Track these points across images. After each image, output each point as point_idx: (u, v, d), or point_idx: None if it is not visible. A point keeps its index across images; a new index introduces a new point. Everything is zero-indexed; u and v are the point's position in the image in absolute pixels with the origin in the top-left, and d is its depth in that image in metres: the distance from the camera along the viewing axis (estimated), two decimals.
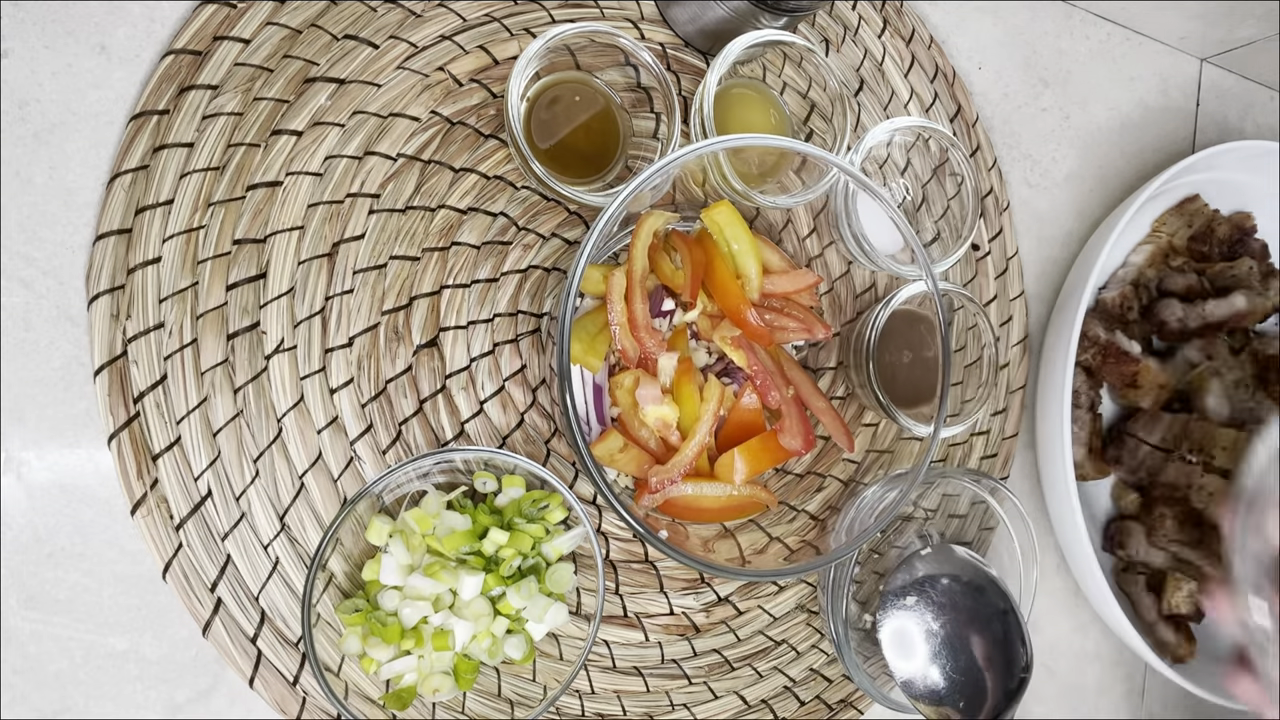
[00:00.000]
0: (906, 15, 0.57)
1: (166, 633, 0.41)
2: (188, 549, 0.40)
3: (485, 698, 0.44)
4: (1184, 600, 0.56)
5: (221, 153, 0.42)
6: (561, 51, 0.44)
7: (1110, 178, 0.64)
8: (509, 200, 0.47)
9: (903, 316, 0.50)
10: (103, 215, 0.40)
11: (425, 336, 0.45)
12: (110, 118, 0.41)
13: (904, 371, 0.49)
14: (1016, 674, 0.47)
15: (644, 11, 0.50)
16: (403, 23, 0.45)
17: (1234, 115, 0.69)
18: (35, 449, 0.39)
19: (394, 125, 0.45)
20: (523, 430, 0.46)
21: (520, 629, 0.42)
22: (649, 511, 0.45)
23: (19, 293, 0.40)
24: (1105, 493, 0.60)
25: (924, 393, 0.49)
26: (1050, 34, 0.63)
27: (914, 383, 0.49)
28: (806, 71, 0.52)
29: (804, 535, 0.48)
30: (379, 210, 0.44)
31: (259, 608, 0.41)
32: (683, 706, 0.48)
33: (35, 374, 0.40)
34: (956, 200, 0.52)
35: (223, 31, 0.42)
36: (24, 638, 0.39)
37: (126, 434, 0.40)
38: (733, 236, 0.45)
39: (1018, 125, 0.61)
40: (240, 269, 0.42)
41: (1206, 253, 0.60)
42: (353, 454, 0.43)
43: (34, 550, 0.39)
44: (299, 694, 0.41)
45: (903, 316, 0.50)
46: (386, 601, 0.40)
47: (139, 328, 0.40)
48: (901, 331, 0.50)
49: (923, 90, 0.57)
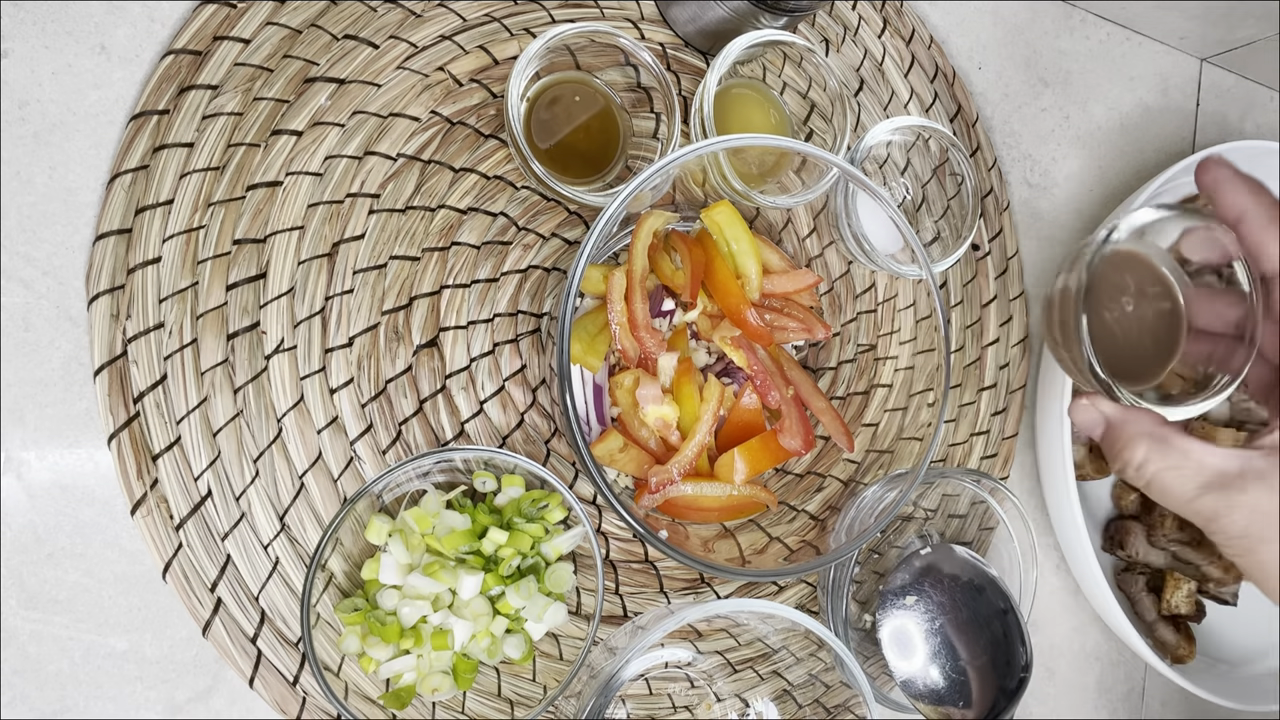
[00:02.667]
0: (906, 15, 0.57)
1: (166, 633, 0.41)
2: (188, 549, 0.40)
3: (484, 697, 0.44)
4: (1184, 600, 0.56)
5: (221, 153, 0.42)
6: (561, 51, 0.45)
7: (1110, 178, 0.64)
8: (509, 200, 0.47)
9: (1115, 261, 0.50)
10: (103, 215, 0.40)
11: (425, 336, 0.45)
12: (110, 118, 0.41)
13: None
14: (1016, 674, 0.47)
15: (644, 11, 0.50)
16: (403, 23, 0.45)
17: (1234, 115, 0.69)
18: (35, 449, 0.39)
19: (394, 125, 0.45)
20: (523, 430, 0.46)
21: (519, 629, 0.42)
22: (649, 511, 0.45)
23: (19, 293, 0.40)
24: (1105, 493, 0.60)
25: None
26: (1050, 34, 0.63)
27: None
28: (806, 71, 0.52)
29: (804, 535, 0.48)
30: (379, 210, 0.44)
31: (259, 608, 0.41)
32: (684, 709, 0.48)
33: (35, 374, 0.40)
34: (956, 200, 0.52)
35: (223, 31, 0.42)
36: (24, 638, 0.39)
37: (126, 434, 0.40)
38: (733, 236, 0.45)
39: (1018, 125, 0.61)
40: (240, 269, 0.42)
41: None
42: (353, 454, 0.43)
43: (34, 550, 0.39)
44: (299, 694, 0.41)
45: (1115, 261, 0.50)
46: (386, 601, 0.40)
47: (139, 328, 0.40)
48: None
49: (923, 90, 0.57)
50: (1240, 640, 0.60)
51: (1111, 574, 0.59)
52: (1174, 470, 0.26)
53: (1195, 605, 0.56)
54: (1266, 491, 0.25)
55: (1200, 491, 0.26)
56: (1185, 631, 0.57)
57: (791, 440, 0.46)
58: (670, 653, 0.49)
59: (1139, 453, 0.27)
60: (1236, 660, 0.60)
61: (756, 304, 0.46)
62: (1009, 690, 0.47)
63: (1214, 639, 0.59)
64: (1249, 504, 0.25)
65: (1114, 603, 0.53)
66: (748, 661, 0.50)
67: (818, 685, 0.52)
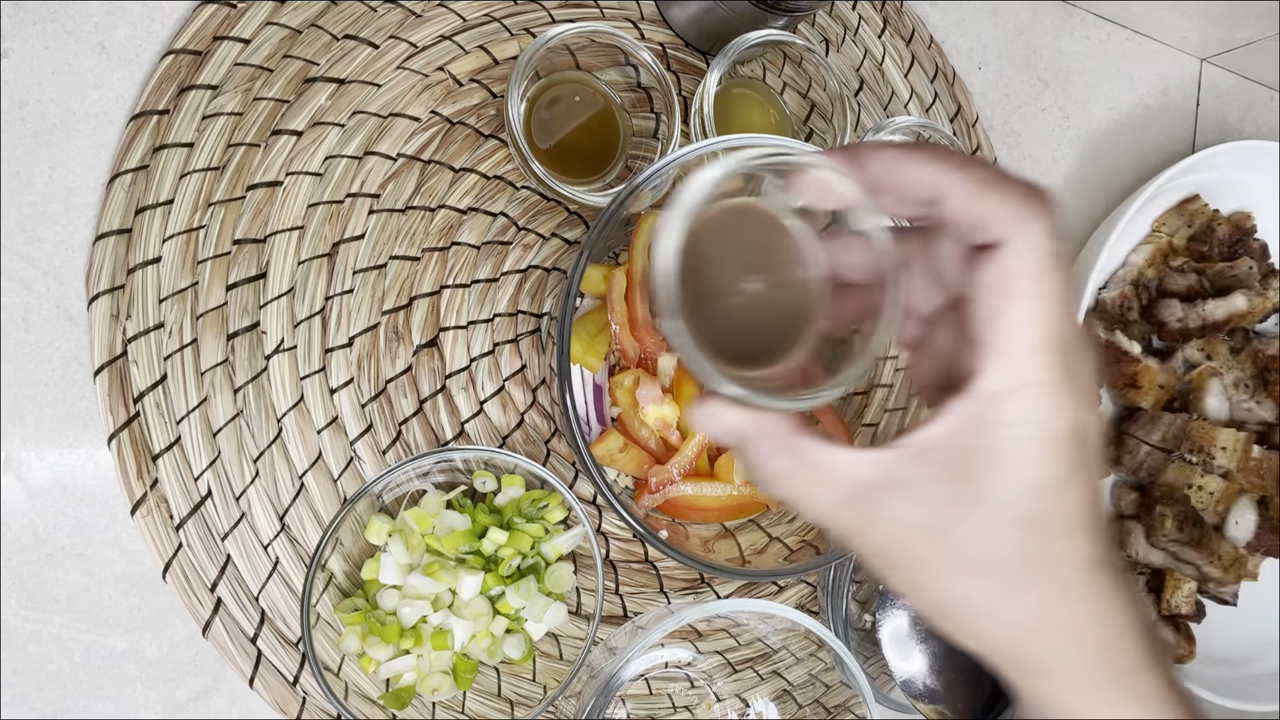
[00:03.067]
0: (906, 15, 0.57)
1: (166, 633, 0.41)
2: (188, 549, 0.40)
3: (484, 697, 0.44)
4: (1184, 600, 0.56)
5: (221, 153, 0.42)
6: (561, 51, 0.45)
7: (1110, 178, 0.64)
8: (509, 200, 0.47)
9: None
10: (103, 215, 0.40)
11: (425, 336, 0.45)
12: (110, 118, 0.41)
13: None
14: None
15: (644, 11, 0.50)
16: (403, 23, 0.45)
17: (1234, 115, 0.69)
18: (35, 449, 0.39)
19: (394, 125, 0.45)
20: (523, 430, 0.46)
21: (519, 628, 0.42)
22: (649, 511, 0.45)
23: (19, 293, 0.40)
24: (1105, 493, 0.60)
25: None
26: (1050, 34, 0.63)
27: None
28: (806, 71, 0.52)
29: (804, 535, 0.48)
30: (379, 210, 0.44)
31: (259, 608, 0.41)
32: (684, 709, 0.48)
33: (35, 374, 0.40)
34: None
35: (223, 31, 0.42)
36: (24, 638, 0.39)
37: (126, 434, 0.40)
38: None
39: (1018, 125, 0.61)
40: (240, 269, 0.42)
41: (1206, 253, 0.60)
42: (353, 454, 0.43)
43: (34, 550, 0.39)
44: (299, 694, 0.41)
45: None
46: (386, 601, 0.40)
47: (139, 328, 0.40)
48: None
49: (923, 90, 0.57)
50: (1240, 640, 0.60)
51: None
52: (812, 484, 0.22)
53: (1195, 605, 0.56)
54: (907, 504, 0.21)
55: (841, 506, 0.22)
56: (1185, 631, 0.57)
57: None
58: (670, 653, 0.49)
59: (772, 466, 0.23)
60: (1236, 660, 0.60)
61: None
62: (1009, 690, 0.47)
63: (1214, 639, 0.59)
64: (888, 518, 0.21)
65: None
66: (748, 661, 0.50)
67: (818, 685, 0.52)
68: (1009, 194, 0.21)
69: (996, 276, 0.21)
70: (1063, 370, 0.20)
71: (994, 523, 0.21)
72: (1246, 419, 0.58)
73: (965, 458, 0.21)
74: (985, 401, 0.21)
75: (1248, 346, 0.59)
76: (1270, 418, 0.57)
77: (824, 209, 0.23)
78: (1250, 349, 0.58)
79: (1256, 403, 0.57)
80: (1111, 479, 0.60)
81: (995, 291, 0.21)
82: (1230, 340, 0.59)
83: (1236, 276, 0.58)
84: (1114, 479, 0.60)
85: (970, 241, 0.22)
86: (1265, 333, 0.61)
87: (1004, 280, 0.20)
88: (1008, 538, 0.21)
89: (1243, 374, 0.58)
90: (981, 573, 0.21)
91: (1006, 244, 0.20)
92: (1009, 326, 0.20)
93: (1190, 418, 0.56)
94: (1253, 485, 0.56)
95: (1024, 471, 0.20)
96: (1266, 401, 0.57)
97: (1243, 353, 0.59)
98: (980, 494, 0.21)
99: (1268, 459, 0.56)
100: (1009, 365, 0.20)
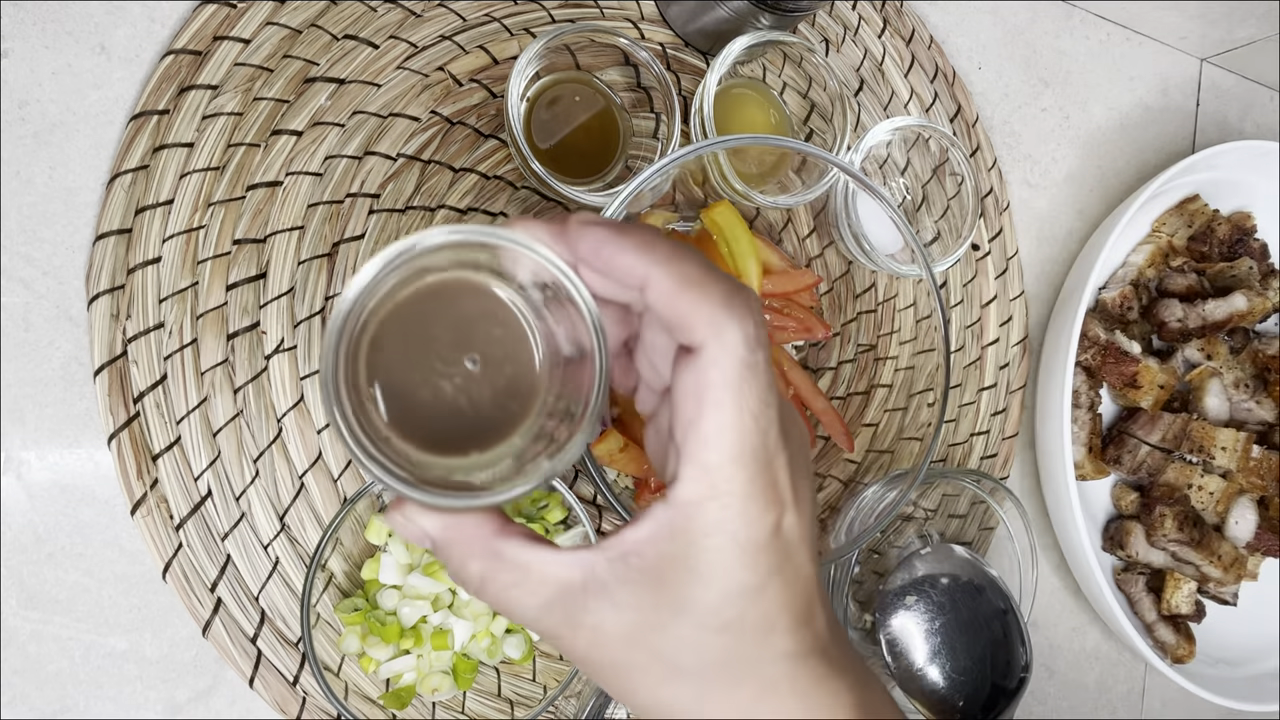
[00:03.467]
0: (906, 15, 0.57)
1: (166, 633, 0.41)
2: (188, 549, 0.40)
3: (484, 697, 0.44)
4: (1184, 600, 0.56)
5: (221, 153, 0.42)
6: (561, 51, 0.45)
7: (1110, 178, 0.64)
8: (509, 200, 0.47)
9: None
10: (103, 215, 0.40)
11: None
12: (110, 118, 0.41)
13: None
14: (1016, 674, 0.47)
15: (644, 11, 0.50)
16: (403, 23, 0.45)
17: (1234, 115, 0.69)
18: (35, 449, 0.39)
19: (394, 125, 0.45)
20: None
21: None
22: None
23: (19, 293, 0.40)
24: (1105, 493, 0.60)
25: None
26: (1050, 34, 0.63)
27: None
28: (806, 71, 0.52)
29: None
30: (379, 210, 0.44)
31: (259, 608, 0.41)
32: None
33: (35, 374, 0.40)
34: (956, 200, 0.52)
35: (223, 31, 0.42)
36: (24, 638, 0.39)
37: (126, 434, 0.40)
38: (733, 236, 0.45)
39: (1018, 125, 0.61)
40: (240, 269, 0.42)
41: (1206, 253, 0.60)
42: None
43: (34, 550, 0.39)
44: (299, 694, 0.41)
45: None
46: (386, 601, 0.40)
47: (139, 328, 0.40)
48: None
49: (923, 90, 0.57)
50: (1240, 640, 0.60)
51: (1111, 574, 0.59)
52: (514, 588, 0.21)
53: (1195, 605, 0.56)
54: (608, 609, 0.21)
55: (543, 610, 0.21)
56: (1185, 631, 0.57)
57: None
58: None
59: (470, 571, 0.22)
60: (1236, 660, 0.60)
61: None
62: (1009, 690, 0.47)
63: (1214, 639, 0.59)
64: (591, 624, 0.21)
65: (1114, 603, 0.53)
66: None
67: None
68: (707, 296, 0.20)
69: (692, 383, 0.20)
70: (756, 479, 0.20)
71: (695, 630, 0.21)
72: (1246, 419, 0.58)
73: (664, 564, 0.21)
74: (681, 510, 0.20)
75: (1248, 346, 0.59)
76: (1270, 418, 0.57)
77: (534, 284, 0.22)
78: (1250, 349, 0.58)
79: (1256, 403, 0.57)
80: (1111, 479, 0.60)
81: (691, 399, 0.20)
82: (1230, 340, 0.59)
83: (1236, 276, 0.58)
84: (1114, 479, 0.60)
85: (674, 339, 0.21)
86: (1265, 333, 0.61)
87: (699, 388, 0.20)
88: (710, 643, 0.21)
89: (1243, 374, 0.58)
90: (685, 678, 0.21)
91: (702, 351, 0.20)
92: (702, 437, 0.20)
93: (1190, 418, 0.56)
94: (1253, 485, 0.56)
95: (721, 580, 0.20)
96: (1266, 401, 0.57)
97: (1243, 353, 0.59)
98: (680, 601, 0.21)
99: (1268, 459, 0.56)
100: (702, 476, 0.20)
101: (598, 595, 0.21)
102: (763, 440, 0.20)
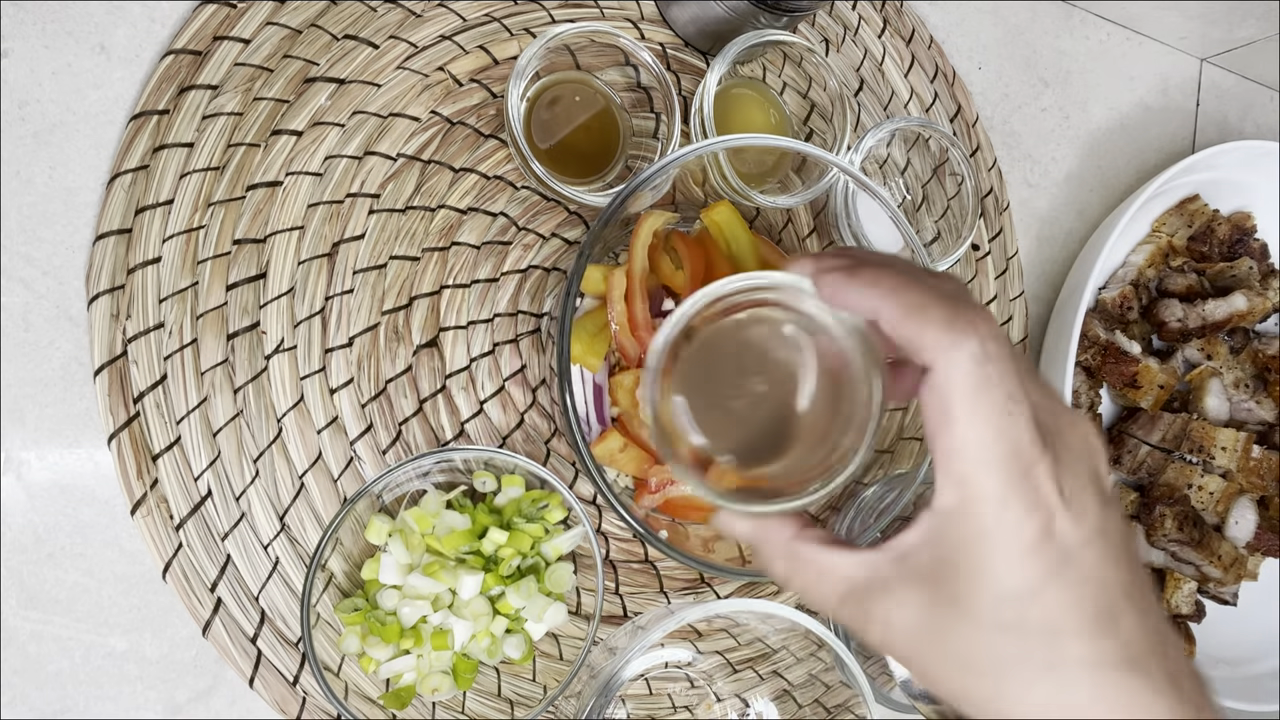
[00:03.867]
0: (906, 15, 0.57)
1: (166, 633, 0.41)
2: (188, 549, 0.40)
3: (484, 697, 0.44)
4: (1184, 600, 0.56)
5: (221, 153, 0.42)
6: (561, 51, 0.45)
7: (1110, 178, 0.64)
8: (509, 200, 0.47)
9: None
10: (103, 215, 0.40)
11: (425, 336, 0.45)
12: (110, 118, 0.41)
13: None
14: None
15: (644, 11, 0.50)
16: (403, 23, 0.45)
17: (1234, 115, 0.69)
18: (35, 449, 0.39)
19: (394, 125, 0.45)
20: (523, 430, 0.46)
21: (519, 629, 0.42)
22: (649, 511, 0.45)
23: (19, 293, 0.40)
24: None
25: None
26: (1050, 34, 0.63)
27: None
28: (806, 71, 0.52)
29: None
30: (379, 210, 0.44)
31: (259, 608, 0.41)
32: (684, 709, 0.48)
33: (35, 374, 0.40)
34: (956, 200, 0.52)
35: (223, 31, 0.42)
36: (24, 638, 0.39)
37: (126, 434, 0.40)
38: (733, 236, 0.45)
39: (1018, 125, 0.61)
40: (240, 269, 0.42)
41: (1206, 253, 0.60)
42: (353, 454, 0.43)
43: (34, 550, 0.39)
44: (299, 694, 0.41)
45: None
46: (386, 601, 0.40)
47: (139, 328, 0.40)
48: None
49: (923, 90, 0.57)
50: (1240, 640, 0.60)
51: None
52: (813, 584, 0.24)
53: (1195, 605, 0.56)
54: (894, 605, 0.22)
55: (840, 603, 0.23)
56: (1185, 631, 0.57)
57: None
58: (670, 653, 0.49)
59: (776, 569, 0.25)
60: (1236, 660, 0.60)
61: None
62: None
63: (1214, 639, 0.59)
64: (880, 618, 0.23)
65: None
66: (748, 661, 0.50)
67: (818, 685, 0.52)
68: (930, 322, 0.21)
69: (931, 401, 0.22)
70: (1011, 485, 0.21)
71: (976, 629, 0.21)
72: (1246, 419, 0.58)
73: (938, 567, 0.22)
74: (943, 517, 0.22)
75: (1248, 346, 0.59)
76: (1270, 418, 0.57)
77: (815, 315, 0.25)
78: (1250, 349, 0.58)
79: (1256, 403, 0.57)
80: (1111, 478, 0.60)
81: (933, 414, 0.22)
82: (1230, 340, 0.59)
83: (1236, 276, 0.58)
84: (1114, 478, 0.60)
85: (913, 361, 0.23)
86: (1265, 333, 0.61)
87: (938, 405, 0.21)
88: (995, 642, 0.21)
89: (1243, 374, 0.58)
90: (978, 673, 0.22)
91: (934, 370, 0.21)
92: (947, 449, 0.21)
93: (1190, 418, 0.56)
94: (1252, 485, 0.56)
95: (990, 583, 0.21)
96: (1266, 401, 0.57)
97: (1243, 353, 0.59)
98: (958, 602, 0.22)
99: (1268, 459, 0.56)
100: (955, 487, 0.21)
101: (883, 592, 0.23)
102: (1013, 448, 0.21)
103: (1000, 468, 0.21)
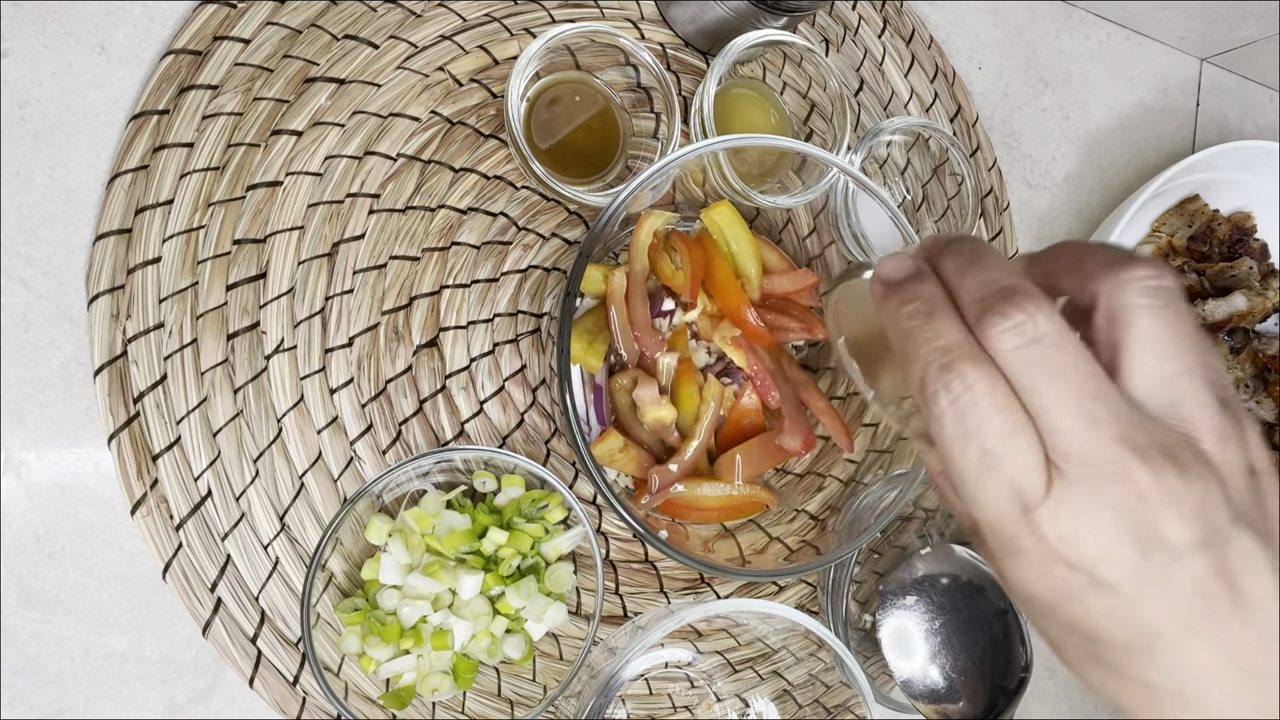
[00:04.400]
0: (906, 15, 0.57)
1: (166, 633, 0.41)
2: (188, 549, 0.40)
3: (484, 697, 0.44)
4: None
5: (221, 153, 0.42)
6: (561, 51, 0.45)
7: (1110, 178, 0.64)
8: (509, 200, 0.47)
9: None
10: (103, 215, 0.40)
11: (425, 336, 0.45)
12: (110, 118, 0.41)
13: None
14: (1016, 673, 0.47)
15: (644, 11, 0.50)
16: (403, 23, 0.45)
17: (1234, 115, 0.69)
18: (35, 449, 0.39)
19: (394, 125, 0.45)
20: (523, 430, 0.46)
21: (519, 629, 0.42)
22: (649, 511, 0.45)
23: (19, 293, 0.40)
24: None
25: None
26: (1050, 34, 0.63)
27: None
28: (806, 71, 0.52)
29: (804, 535, 0.48)
30: (379, 210, 0.44)
31: (259, 608, 0.41)
32: (684, 709, 0.48)
33: (35, 374, 0.40)
34: (956, 200, 0.52)
35: (223, 31, 0.42)
36: (24, 638, 0.39)
37: (126, 434, 0.40)
38: (733, 236, 0.45)
39: (1018, 125, 0.61)
40: (240, 269, 0.42)
41: (1206, 253, 0.60)
42: (353, 454, 0.43)
43: (34, 550, 0.39)
44: (299, 694, 0.41)
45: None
46: (386, 601, 0.40)
47: (139, 328, 0.40)
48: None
49: (923, 90, 0.57)
50: None
51: None
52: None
53: None
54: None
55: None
56: None
57: (791, 440, 0.46)
58: (670, 653, 0.49)
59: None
60: None
61: (756, 304, 0.46)
62: (1009, 690, 0.47)
63: None
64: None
65: None
66: (748, 661, 0.50)
67: (818, 685, 0.52)
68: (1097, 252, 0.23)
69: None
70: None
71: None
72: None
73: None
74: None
75: (1248, 346, 0.59)
76: (1270, 418, 0.57)
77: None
78: (1250, 349, 0.58)
79: (1256, 403, 0.57)
80: None
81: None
82: (1230, 340, 0.59)
83: (1236, 276, 0.58)
84: None
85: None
86: (1265, 333, 0.61)
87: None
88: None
89: (1243, 374, 0.58)
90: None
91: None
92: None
93: None
94: None
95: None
96: (1266, 401, 0.57)
97: (1243, 353, 0.59)
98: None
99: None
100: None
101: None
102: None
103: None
